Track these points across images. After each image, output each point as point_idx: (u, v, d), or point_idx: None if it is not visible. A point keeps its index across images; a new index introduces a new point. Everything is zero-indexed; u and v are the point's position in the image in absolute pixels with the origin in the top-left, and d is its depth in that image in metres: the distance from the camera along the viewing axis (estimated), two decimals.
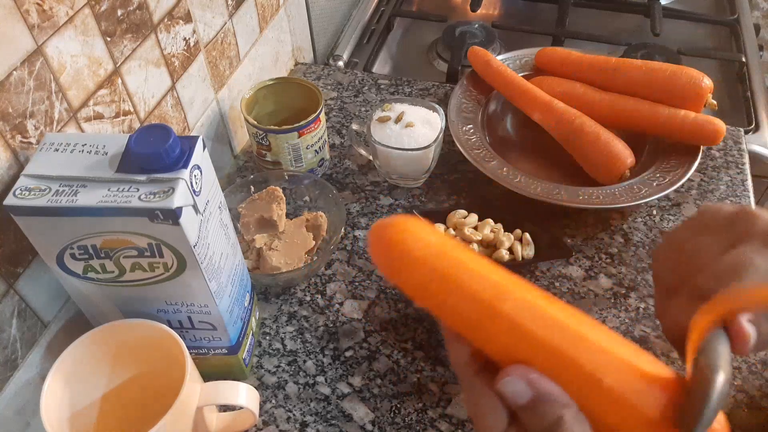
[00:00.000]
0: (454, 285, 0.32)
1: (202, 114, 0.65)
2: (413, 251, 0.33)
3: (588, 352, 0.31)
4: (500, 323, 0.32)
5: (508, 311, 0.32)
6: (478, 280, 0.33)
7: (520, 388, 0.31)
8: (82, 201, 0.38)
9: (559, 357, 0.31)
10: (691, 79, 0.67)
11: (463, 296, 0.32)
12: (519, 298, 0.32)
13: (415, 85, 0.83)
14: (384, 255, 0.34)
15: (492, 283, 0.32)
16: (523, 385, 0.31)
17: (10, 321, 0.44)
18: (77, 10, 0.45)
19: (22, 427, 0.47)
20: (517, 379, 0.31)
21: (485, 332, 0.32)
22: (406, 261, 0.33)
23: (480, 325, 0.32)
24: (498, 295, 0.32)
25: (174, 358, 0.43)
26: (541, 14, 1.03)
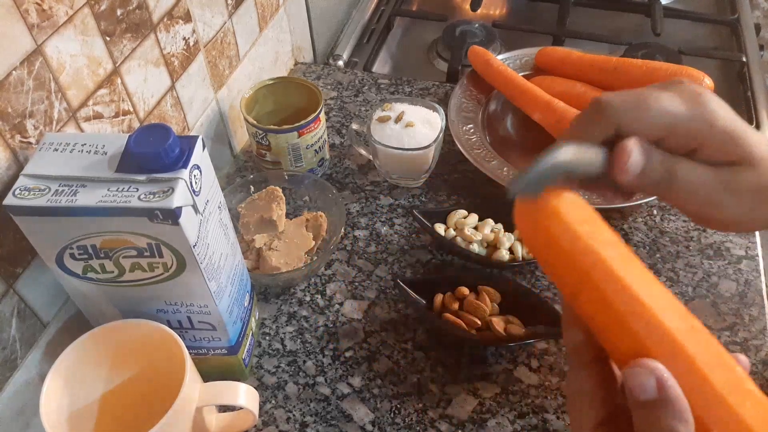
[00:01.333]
0: (592, 287, 0.31)
1: (202, 114, 0.65)
2: (559, 241, 0.32)
3: (724, 373, 0.29)
4: (628, 340, 0.30)
5: (637, 331, 0.30)
6: (619, 291, 0.31)
7: (649, 384, 0.29)
8: (81, 201, 0.38)
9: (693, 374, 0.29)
10: (692, 78, 0.66)
11: (599, 301, 0.31)
12: (652, 321, 0.30)
13: (415, 85, 0.83)
14: (530, 234, 0.34)
15: (630, 297, 0.31)
16: (654, 382, 0.29)
17: (10, 321, 0.44)
18: (77, 10, 0.45)
19: (21, 427, 0.47)
20: (650, 373, 0.29)
21: (611, 338, 0.31)
22: (552, 248, 0.33)
23: (608, 331, 0.31)
24: (633, 312, 0.30)
25: (174, 359, 0.43)
26: (542, 14, 1.03)
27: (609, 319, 0.31)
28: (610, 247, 0.32)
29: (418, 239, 0.65)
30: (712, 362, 0.29)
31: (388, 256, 0.64)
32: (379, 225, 0.67)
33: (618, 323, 0.31)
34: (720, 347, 0.30)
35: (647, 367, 0.29)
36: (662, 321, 0.30)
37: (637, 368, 0.29)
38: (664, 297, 0.31)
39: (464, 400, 0.53)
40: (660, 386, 0.29)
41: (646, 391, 0.29)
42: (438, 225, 0.63)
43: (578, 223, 0.33)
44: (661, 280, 0.61)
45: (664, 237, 0.65)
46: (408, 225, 0.67)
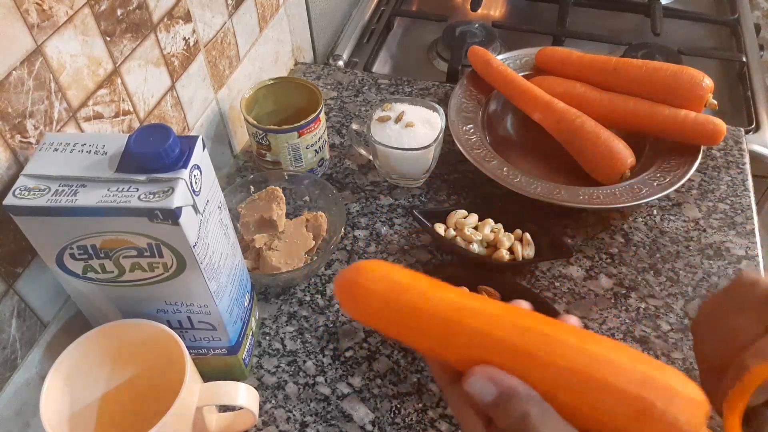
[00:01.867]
0: (410, 309, 0.35)
1: (202, 114, 0.65)
2: (370, 287, 0.35)
3: (547, 344, 0.32)
4: (460, 333, 0.33)
5: (467, 321, 0.33)
6: (432, 300, 0.35)
7: (484, 387, 0.32)
8: (81, 201, 0.38)
9: (519, 352, 0.32)
10: (692, 78, 0.66)
11: (421, 317, 0.34)
12: (475, 309, 0.34)
13: (415, 85, 0.83)
14: (348, 298, 0.36)
15: (447, 300, 0.35)
16: (487, 383, 0.32)
17: (10, 321, 0.44)
18: (77, 10, 0.45)
19: (21, 427, 0.47)
20: (480, 377, 0.32)
21: (448, 344, 0.34)
22: (365, 297, 0.36)
23: (442, 338, 0.34)
24: (455, 310, 0.34)
25: (174, 359, 0.43)
26: (542, 14, 1.03)
27: (441, 346, 0.34)
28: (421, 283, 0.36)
29: (418, 239, 0.65)
30: (527, 338, 0.33)
31: (388, 256, 0.64)
32: (379, 225, 0.67)
33: (448, 345, 0.34)
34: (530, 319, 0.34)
35: (478, 373, 0.32)
36: (488, 329, 0.33)
37: (471, 378, 0.32)
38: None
39: None
40: (495, 383, 0.32)
41: (486, 394, 0.32)
42: (438, 225, 0.63)
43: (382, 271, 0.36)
44: (661, 280, 0.61)
45: (664, 237, 0.65)
46: (408, 225, 0.67)
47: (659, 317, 0.58)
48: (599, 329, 0.57)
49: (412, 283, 0.35)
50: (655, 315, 0.58)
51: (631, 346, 0.55)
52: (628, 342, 0.56)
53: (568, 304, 0.59)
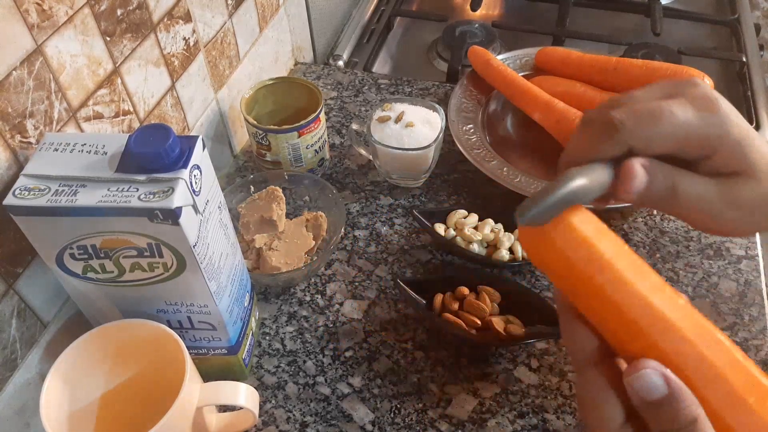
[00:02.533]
0: (605, 299, 0.32)
1: (202, 114, 0.65)
2: (572, 257, 0.33)
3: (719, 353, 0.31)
4: (640, 341, 0.31)
5: (654, 338, 0.31)
6: (629, 297, 0.32)
7: (657, 383, 0.30)
8: (81, 201, 0.38)
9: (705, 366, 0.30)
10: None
11: (612, 310, 0.32)
12: (667, 325, 0.31)
13: (415, 85, 0.83)
14: (539, 250, 0.34)
15: (643, 303, 0.31)
16: (660, 380, 0.30)
17: (10, 321, 0.44)
18: (77, 10, 0.45)
19: (21, 427, 0.47)
20: (654, 372, 0.30)
21: (622, 338, 0.32)
22: (564, 265, 0.33)
23: (619, 332, 0.32)
24: (648, 320, 0.31)
25: (174, 358, 0.43)
26: (542, 14, 1.03)
27: (621, 325, 0.32)
28: (620, 257, 0.33)
29: (418, 239, 0.65)
30: (712, 346, 0.31)
31: (388, 256, 0.64)
32: (379, 225, 0.67)
33: (629, 328, 0.31)
34: (715, 332, 0.31)
35: (652, 366, 0.30)
36: (671, 319, 0.31)
37: (641, 370, 0.30)
38: (667, 295, 0.32)
39: (464, 400, 0.53)
40: (667, 382, 0.30)
41: (656, 390, 0.29)
42: (438, 225, 0.63)
43: (590, 235, 0.33)
44: None
45: (664, 237, 0.65)
46: (408, 225, 0.67)
47: None
48: None
49: (610, 264, 0.32)
50: None
51: None
52: None
53: None
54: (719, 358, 0.30)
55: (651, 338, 0.31)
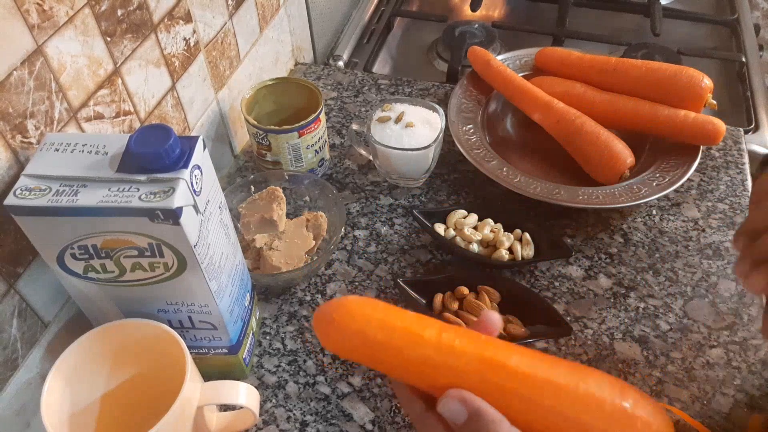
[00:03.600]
0: (388, 347, 0.36)
1: (203, 114, 0.65)
2: (351, 325, 0.37)
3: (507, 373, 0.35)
4: (439, 370, 0.35)
5: (445, 360, 0.35)
6: (408, 338, 0.36)
7: (456, 408, 0.34)
8: (82, 201, 0.38)
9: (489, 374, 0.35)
10: (691, 79, 0.67)
11: (395, 356, 0.36)
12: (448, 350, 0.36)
13: (415, 85, 0.83)
14: (328, 335, 0.38)
15: (425, 341, 0.36)
16: (458, 404, 0.34)
17: (11, 321, 0.44)
18: (77, 10, 0.45)
19: (22, 427, 0.47)
20: (452, 399, 0.34)
21: (428, 379, 0.36)
22: (340, 334, 0.37)
23: (423, 374, 0.36)
24: (434, 349, 0.36)
25: (174, 358, 0.43)
26: (542, 14, 1.03)
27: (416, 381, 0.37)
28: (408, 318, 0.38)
29: (418, 239, 0.65)
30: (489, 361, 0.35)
31: (388, 256, 0.64)
32: (379, 225, 0.67)
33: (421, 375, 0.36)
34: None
35: (450, 395, 0.34)
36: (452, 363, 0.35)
37: (444, 400, 0.34)
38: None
39: None
40: (464, 403, 0.34)
41: (458, 415, 0.34)
42: (438, 225, 0.63)
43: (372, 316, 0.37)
44: (660, 280, 0.61)
45: (664, 237, 0.65)
46: (408, 225, 0.67)
47: (658, 317, 0.58)
48: (598, 329, 0.57)
49: (385, 321, 0.37)
50: (654, 315, 0.58)
51: (632, 347, 0.55)
52: (627, 341, 0.56)
53: (567, 304, 0.59)
54: (503, 376, 0.35)
55: (439, 380, 0.35)
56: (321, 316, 0.38)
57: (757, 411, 0.52)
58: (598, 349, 0.56)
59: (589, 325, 0.58)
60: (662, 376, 0.54)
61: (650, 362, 0.55)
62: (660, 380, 0.54)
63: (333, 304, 0.38)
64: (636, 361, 0.55)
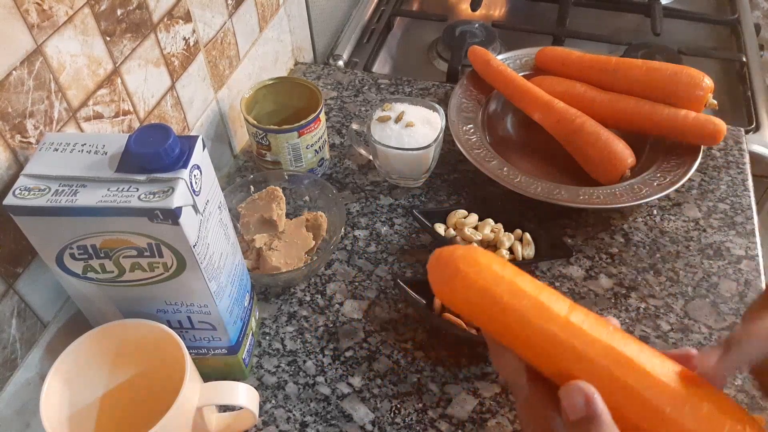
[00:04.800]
0: (520, 319, 0.33)
1: (202, 114, 0.65)
2: (478, 281, 0.34)
3: (644, 379, 0.32)
4: (564, 352, 0.33)
5: (573, 343, 0.33)
6: (546, 315, 0.33)
7: (578, 403, 0.31)
8: (81, 201, 0.38)
9: (615, 385, 0.32)
10: (692, 78, 0.66)
11: (530, 329, 0.33)
12: (583, 335, 0.33)
13: (415, 85, 0.83)
14: (448, 284, 0.35)
15: (554, 317, 0.33)
16: (581, 400, 0.31)
17: (10, 321, 0.44)
18: (77, 10, 0.45)
19: (21, 427, 0.47)
20: (578, 393, 0.32)
21: (547, 357, 0.33)
22: (465, 287, 0.34)
23: (543, 352, 0.33)
24: (559, 327, 0.33)
25: (174, 358, 0.43)
26: (542, 14, 1.03)
27: (542, 349, 0.34)
28: (540, 288, 0.35)
29: (418, 239, 0.65)
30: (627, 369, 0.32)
31: (388, 256, 0.64)
32: (379, 225, 0.67)
33: (553, 360, 0.33)
34: (632, 355, 0.33)
35: (578, 387, 0.32)
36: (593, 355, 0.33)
37: (570, 387, 0.32)
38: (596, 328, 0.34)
39: (464, 400, 0.53)
40: (587, 402, 0.31)
41: (576, 410, 0.32)
42: (438, 225, 0.63)
43: (508, 273, 0.35)
44: (661, 280, 0.61)
45: (664, 237, 0.65)
46: (408, 225, 0.67)
47: (659, 317, 0.58)
48: None
49: (515, 284, 0.34)
50: (655, 315, 0.58)
51: None
52: None
53: None
54: (630, 375, 0.32)
55: (560, 362, 0.33)
56: (444, 263, 0.35)
57: (758, 411, 0.51)
58: None
59: None
60: None
61: None
62: None
63: (459, 252, 0.35)
64: None
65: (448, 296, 0.35)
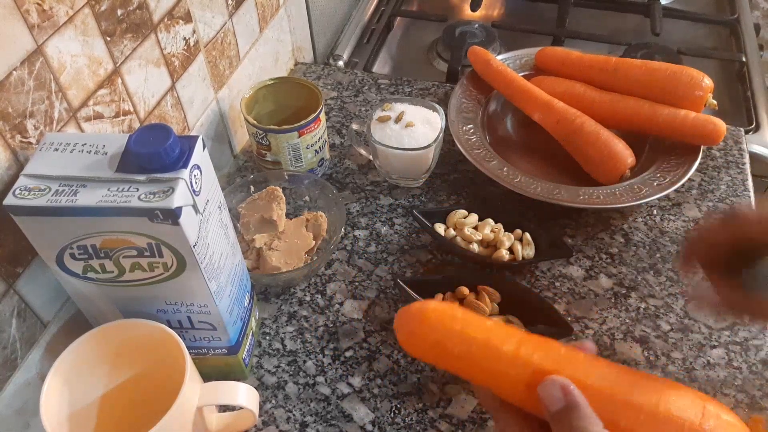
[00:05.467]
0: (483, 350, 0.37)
1: (202, 114, 0.65)
2: (430, 336, 0.38)
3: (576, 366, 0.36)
4: (517, 384, 0.36)
5: (521, 374, 0.36)
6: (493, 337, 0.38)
7: (556, 394, 0.34)
8: (81, 201, 0.38)
9: None
10: (692, 78, 0.66)
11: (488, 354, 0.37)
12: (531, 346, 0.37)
13: (415, 85, 0.83)
14: (409, 340, 0.39)
15: (503, 355, 0.37)
16: (559, 392, 0.34)
17: (10, 321, 0.44)
18: (77, 10, 0.45)
19: (21, 427, 0.47)
20: (554, 385, 0.34)
21: (505, 390, 0.37)
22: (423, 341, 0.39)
23: (499, 386, 0.37)
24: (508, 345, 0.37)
25: (174, 358, 0.43)
26: (542, 14, 1.03)
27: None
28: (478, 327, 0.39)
29: (418, 239, 0.65)
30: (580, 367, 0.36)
31: (388, 256, 0.64)
32: (379, 225, 0.67)
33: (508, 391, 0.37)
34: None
35: (554, 380, 0.34)
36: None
37: (546, 382, 0.34)
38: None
39: (464, 400, 0.53)
40: (565, 393, 0.34)
41: (555, 401, 0.34)
42: (438, 225, 0.63)
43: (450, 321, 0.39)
44: (661, 280, 0.61)
45: (664, 237, 0.65)
46: (408, 225, 0.67)
47: (659, 317, 0.58)
48: (599, 329, 0.57)
49: (465, 333, 0.38)
50: (655, 315, 0.58)
51: (633, 348, 0.55)
52: (628, 342, 0.56)
53: (568, 304, 0.59)
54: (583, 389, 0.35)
55: (515, 393, 0.37)
56: (402, 322, 0.39)
57: (758, 411, 0.51)
58: (599, 349, 0.56)
59: (590, 325, 0.58)
60: (663, 377, 0.54)
61: (651, 363, 0.55)
62: None
63: (414, 312, 0.39)
64: (637, 362, 0.55)
65: (412, 349, 0.39)
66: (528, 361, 0.36)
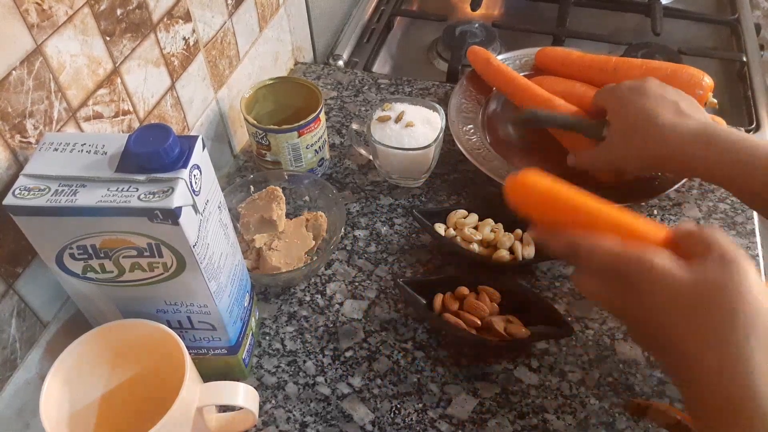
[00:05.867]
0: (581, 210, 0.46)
1: (202, 113, 0.65)
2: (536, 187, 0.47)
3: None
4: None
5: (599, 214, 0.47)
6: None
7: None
8: (81, 201, 0.38)
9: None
10: (692, 77, 0.66)
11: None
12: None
13: (415, 85, 0.83)
14: (523, 197, 0.47)
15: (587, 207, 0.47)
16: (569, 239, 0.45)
17: (10, 321, 0.44)
18: (76, 10, 0.45)
19: (21, 427, 0.47)
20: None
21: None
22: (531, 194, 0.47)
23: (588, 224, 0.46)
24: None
25: (174, 359, 0.43)
26: (542, 13, 1.03)
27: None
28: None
29: (418, 239, 0.65)
30: None
31: (388, 256, 0.64)
32: (379, 225, 0.67)
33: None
34: None
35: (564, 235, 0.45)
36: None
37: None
38: None
39: (464, 400, 0.53)
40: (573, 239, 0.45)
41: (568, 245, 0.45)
42: (438, 225, 0.63)
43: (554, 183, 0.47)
44: None
45: None
46: (408, 225, 0.67)
47: None
48: (599, 329, 0.57)
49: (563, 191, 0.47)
50: None
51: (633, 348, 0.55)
52: (628, 342, 0.56)
53: (568, 305, 0.59)
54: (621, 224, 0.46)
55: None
56: (521, 183, 0.47)
57: None
58: (599, 349, 0.56)
59: (590, 325, 0.58)
60: (663, 377, 0.54)
61: (651, 362, 0.55)
62: (661, 380, 0.53)
63: (521, 177, 0.47)
64: (637, 362, 0.55)
65: (521, 204, 0.47)
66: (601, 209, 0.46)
